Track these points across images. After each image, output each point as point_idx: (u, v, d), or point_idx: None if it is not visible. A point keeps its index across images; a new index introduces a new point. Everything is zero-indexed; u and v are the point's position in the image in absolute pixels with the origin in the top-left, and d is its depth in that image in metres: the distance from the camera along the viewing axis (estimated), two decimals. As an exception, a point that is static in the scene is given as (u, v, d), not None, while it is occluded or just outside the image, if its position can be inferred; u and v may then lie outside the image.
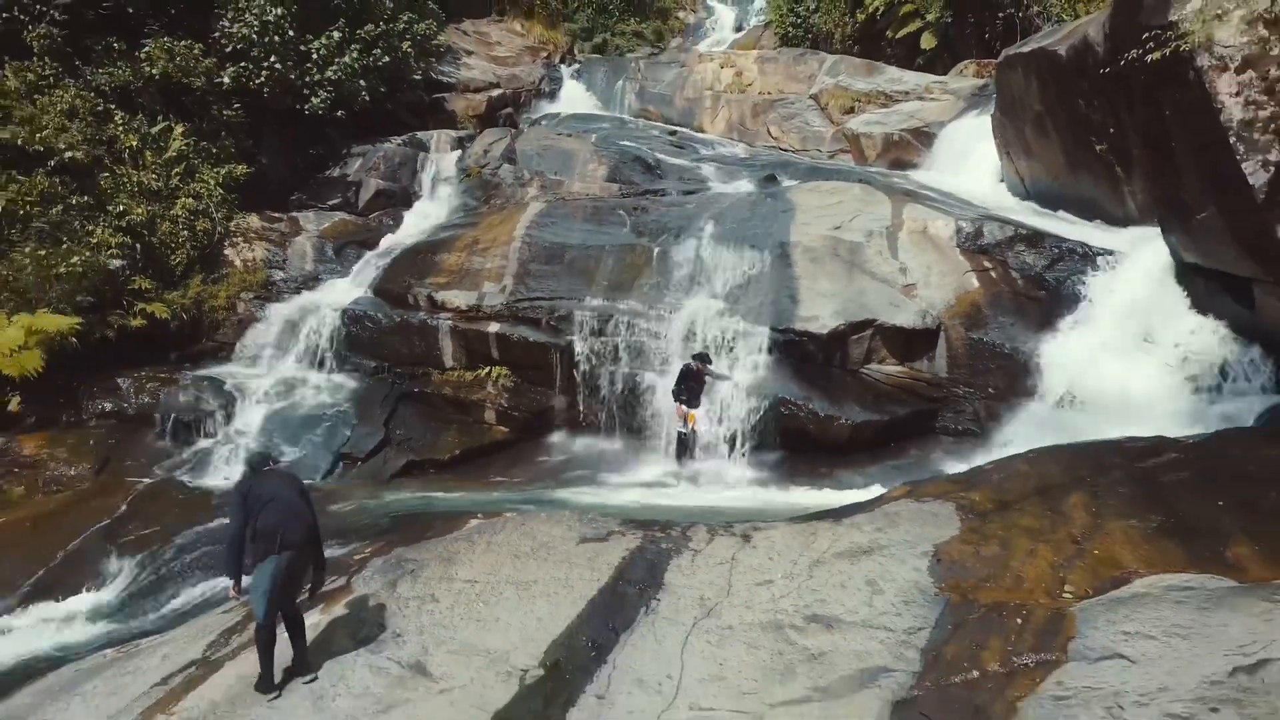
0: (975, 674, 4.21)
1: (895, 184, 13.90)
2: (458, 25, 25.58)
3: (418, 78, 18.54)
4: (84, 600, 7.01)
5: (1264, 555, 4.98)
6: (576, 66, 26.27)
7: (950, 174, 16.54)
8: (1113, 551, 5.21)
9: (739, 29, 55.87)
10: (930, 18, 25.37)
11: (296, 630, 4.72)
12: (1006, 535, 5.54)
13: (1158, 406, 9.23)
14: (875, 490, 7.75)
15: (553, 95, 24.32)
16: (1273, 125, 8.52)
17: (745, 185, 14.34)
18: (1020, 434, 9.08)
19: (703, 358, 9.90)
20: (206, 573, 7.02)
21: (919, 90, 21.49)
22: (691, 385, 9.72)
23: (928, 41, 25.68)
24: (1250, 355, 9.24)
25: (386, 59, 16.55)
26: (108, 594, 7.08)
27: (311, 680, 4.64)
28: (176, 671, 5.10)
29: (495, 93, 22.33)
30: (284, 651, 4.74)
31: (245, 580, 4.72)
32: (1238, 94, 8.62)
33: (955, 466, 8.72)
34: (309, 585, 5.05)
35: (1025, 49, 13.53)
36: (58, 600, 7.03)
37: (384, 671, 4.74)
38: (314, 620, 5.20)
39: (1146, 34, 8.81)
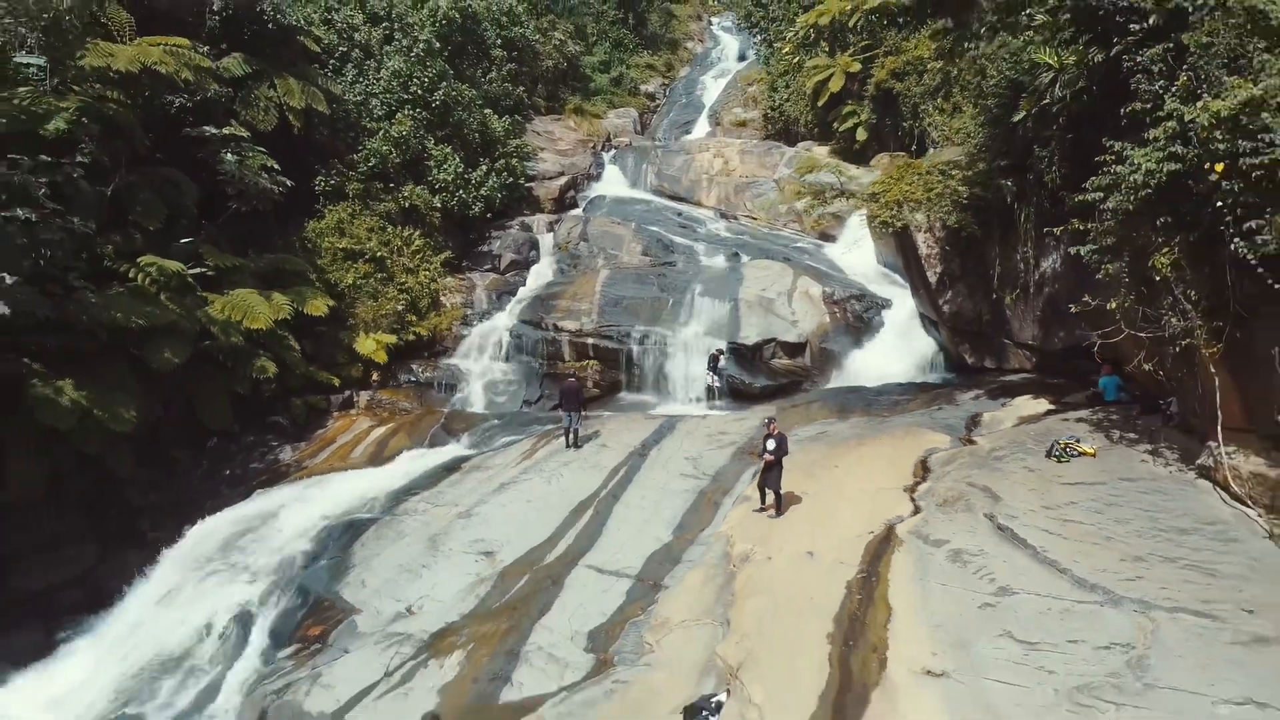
0: (756, 443, 15.49)
1: (801, 261, 25.16)
2: (529, 124, 36.85)
3: (523, 181, 29.91)
4: (455, 445, 18.41)
5: (862, 415, 16.28)
6: (613, 153, 37.55)
7: (849, 245, 27.72)
8: (816, 417, 16.52)
9: (742, 58, 65.75)
10: (863, 117, 36.25)
11: (577, 431, 16.11)
12: (789, 414, 16.83)
13: (901, 377, 20.42)
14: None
15: (598, 177, 35.59)
16: (938, 256, 19.73)
17: (720, 260, 25.63)
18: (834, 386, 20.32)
19: (721, 351, 20.90)
20: (504, 431, 18.42)
21: (844, 181, 32.57)
22: (713, 363, 20.69)
23: (861, 134, 36.52)
24: (939, 356, 20.50)
25: (511, 179, 27.98)
26: (464, 443, 18.48)
27: (580, 446, 16.05)
28: (527, 450, 16.54)
29: (563, 179, 33.53)
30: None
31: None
32: (924, 242, 19.85)
33: (803, 403, 20.03)
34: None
35: (873, 187, 24.72)
36: (442, 445, 18.42)
37: (593, 446, 16.15)
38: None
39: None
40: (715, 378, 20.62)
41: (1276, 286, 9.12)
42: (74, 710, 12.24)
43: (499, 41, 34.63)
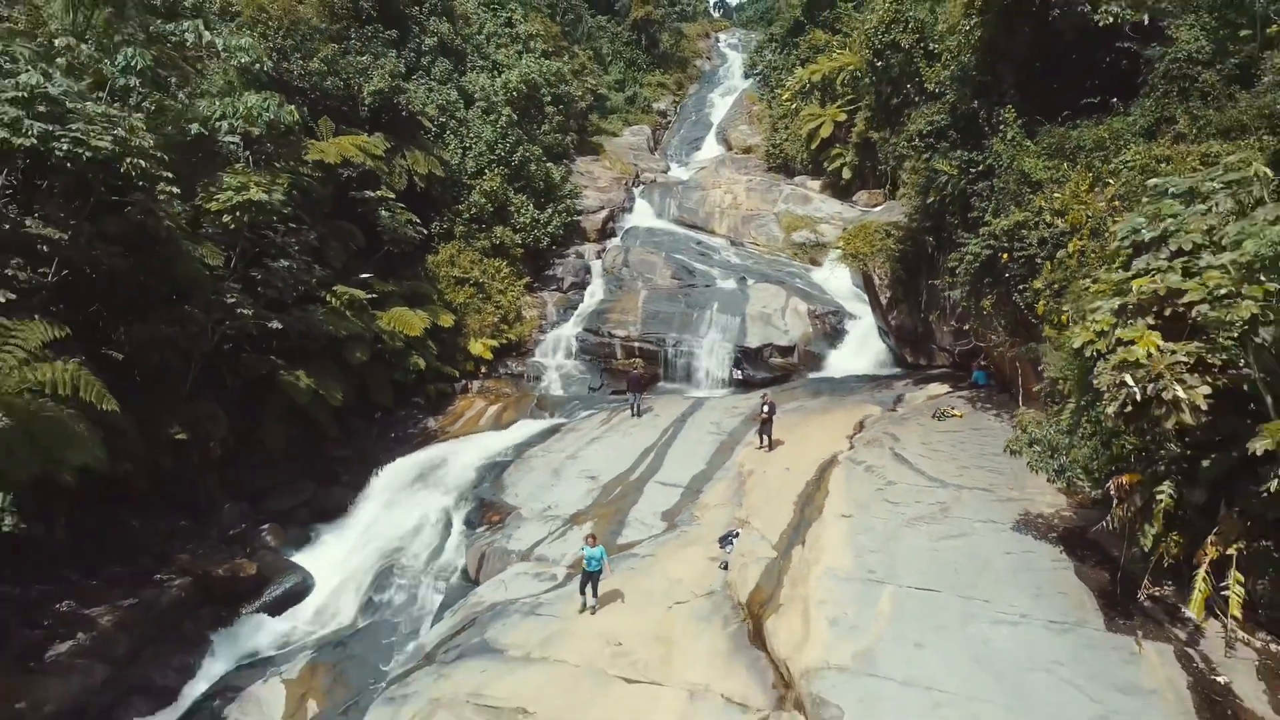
0: (758, 412, 23.60)
1: (793, 283, 33.28)
2: (573, 164, 44.93)
3: (574, 217, 38.09)
4: (549, 417, 26.55)
5: (828, 396, 24.42)
6: (641, 189, 45.70)
7: (830, 271, 35.84)
8: (798, 398, 24.66)
9: (747, 75, 72.57)
10: (848, 159, 44.12)
11: (640, 406, 24.32)
12: (779, 395, 24.91)
13: (861, 371, 28.56)
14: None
15: (630, 210, 43.71)
16: (888, 285, 27.86)
17: (731, 283, 33.76)
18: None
19: (740, 353, 29.11)
20: (582, 408, 26.59)
21: (829, 215, 40.67)
22: (737, 363, 28.83)
23: (846, 173, 44.31)
24: (889, 357, 28.62)
25: (568, 217, 36.21)
26: (555, 416, 26.61)
27: (641, 416, 24.26)
28: (605, 419, 24.77)
29: (603, 213, 41.62)
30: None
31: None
32: (878, 274, 27.99)
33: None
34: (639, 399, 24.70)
35: (847, 229, 32.94)
36: (540, 417, 26.55)
37: (650, 415, 24.36)
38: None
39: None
40: (738, 372, 28.95)
41: (1034, 321, 17.24)
42: (346, 569, 20.45)
43: (550, 98, 42.79)
